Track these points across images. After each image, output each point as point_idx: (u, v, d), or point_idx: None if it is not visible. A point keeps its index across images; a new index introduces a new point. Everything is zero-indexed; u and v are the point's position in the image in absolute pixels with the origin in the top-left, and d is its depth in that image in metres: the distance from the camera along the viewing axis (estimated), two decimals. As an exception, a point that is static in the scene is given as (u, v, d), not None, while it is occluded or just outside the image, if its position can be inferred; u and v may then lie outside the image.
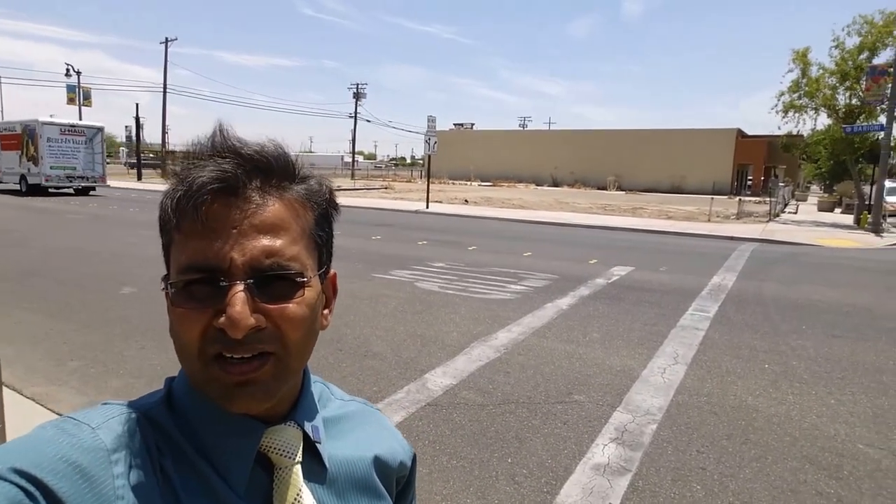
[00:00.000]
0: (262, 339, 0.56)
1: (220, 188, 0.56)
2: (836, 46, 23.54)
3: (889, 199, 23.35)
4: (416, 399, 4.32)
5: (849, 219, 24.41)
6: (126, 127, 54.74)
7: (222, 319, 0.54)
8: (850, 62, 23.04)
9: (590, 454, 3.58)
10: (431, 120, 22.40)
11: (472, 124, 75.40)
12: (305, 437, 0.64)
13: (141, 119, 41.97)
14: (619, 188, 49.03)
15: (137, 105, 40.95)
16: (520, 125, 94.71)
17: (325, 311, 0.67)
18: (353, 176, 58.21)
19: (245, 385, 0.56)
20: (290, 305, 0.57)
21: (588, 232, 17.42)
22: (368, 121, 77.71)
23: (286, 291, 0.58)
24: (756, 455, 3.66)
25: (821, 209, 32.24)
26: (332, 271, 0.68)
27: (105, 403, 0.61)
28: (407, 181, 54.05)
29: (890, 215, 22.31)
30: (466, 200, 27.61)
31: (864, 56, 22.84)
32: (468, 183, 52.01)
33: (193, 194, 0.55)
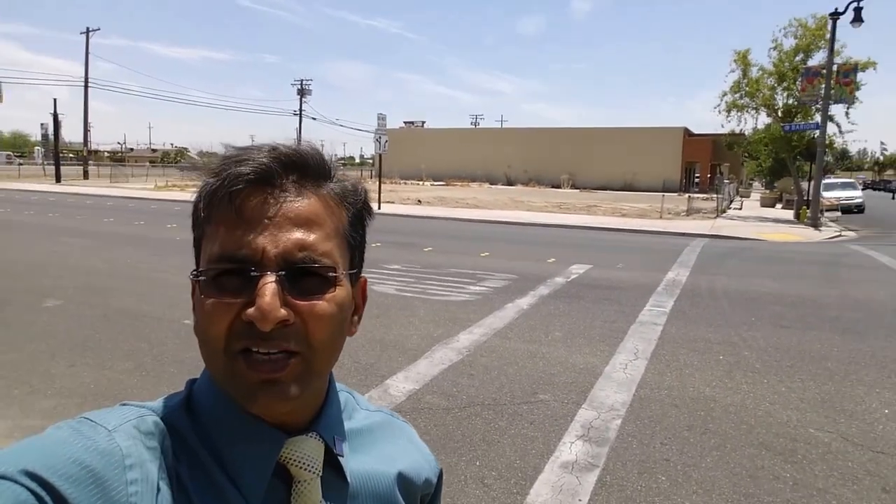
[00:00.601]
0: (287, 337, 0.55)
1: (257, 179, 0.56)
2: (775, 48, 24.76)
3: (826, 194, 24.67)
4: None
5: (789, 214, 25.64)
6: (42, 124, 51.31)
7: (251, 311, 0.53)
8: (786, 63, 24.23)
9: (557, 452, 3.65)
10: (381, 118, 22.17)
11: (423, 122, 75.32)
12: (327, 449, 0.63)
13: (59, 116, 39.40)
14: (573, 186, 50.00)
15: (55, 101, 37.95)
16: (472, 123, 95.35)
17: (354, 318, 0.66)
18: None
19: (269, 384, 0.55)
20: (320, 302, 0.57)
21: (545, 231, 17.63)
22: (314, 118, 74.30)
23: (317, 287, 0.57)
24: (716, 444, 3.82)
25: (763, 205, 33.72)
26: (362, 277, 0.67)
27: (123, 404, 0.59)
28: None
29: (827, 210, 23.57)
30: (420, 201, 27.62)
31: (799, 57, 24.07)
32: (420, 182, 52.01)
33: (229, 184, 0.56)
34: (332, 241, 0.59)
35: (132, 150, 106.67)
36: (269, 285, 0.54)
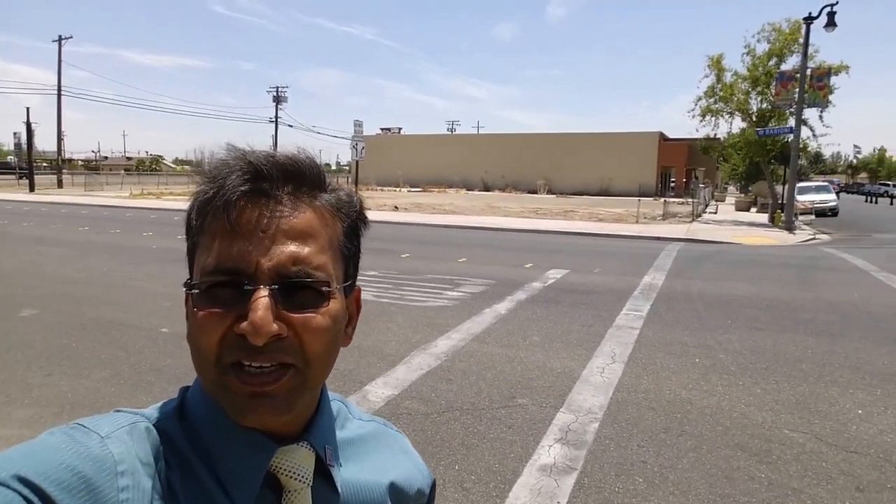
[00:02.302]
0: (282, 350, 0.55)
1: (252, 190, 0.57)
2: (748, 53, 25.32)
3: (800, 198, 25.29)
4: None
5: (764, 217, 26.19)
6: (14, 133, 50.81)
7: (244, 325, 0.54)
8: (760, 68, 24.82)
9: (536, 456, 3.69)
10: (358, 124, 22.26)
11: (400, 129, 75.09)
12: (318, 458, 0.63)
13: (32, 125, 39.24)
14: (550, 191, 50.46)
15: (28, 109, 38.86)
16: (448, 129, 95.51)
17: (348, 329, 0.67)
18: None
19: (260, 397, 0.55)
20: (314, 316, 0.57)
21: (522, 236, 17.76)
22: (290, 126, 71.17)
23: (311, 301, 0.57)
24: (692, 446, 3.90)
25: (738, 209, 34.39)
26: (357, 287, 0.67)
27: (117, 411, 0.60)
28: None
29: (801, 213, 24.17)
30: (396, 207, 27.59)
31: (773, 62, 24.67)
32: (397, 189, 52.00)
33: (224, 195, 0.56)
34: (327, 253, 0.59)
35: (106, 158, 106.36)
36: (263, 300, 0.54)
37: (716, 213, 30.46)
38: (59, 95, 42.19)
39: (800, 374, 5.35)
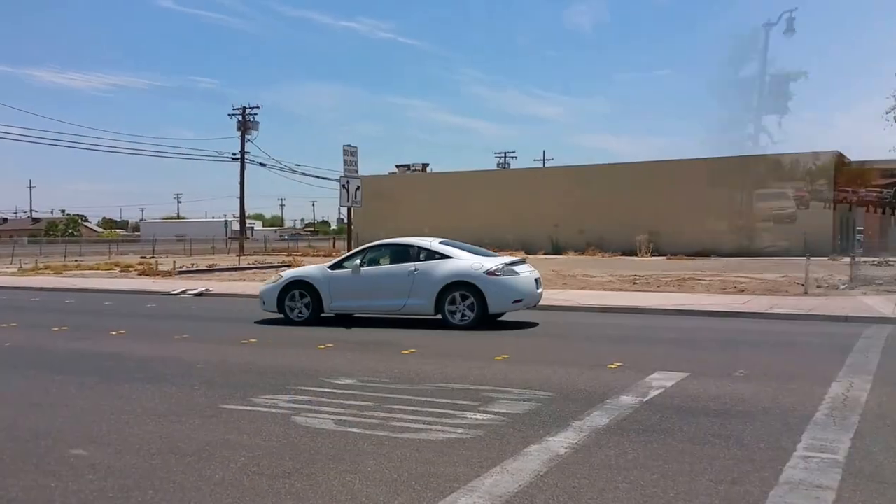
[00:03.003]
0: None
1: None
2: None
3: None
4: None
5: None
6: None
7: None
8: None
9: None
10: (350, 152, 21.39)
11: (426, 165, 76.77)
12: None
13: None
14: (655, 251, 49.71)
15: None
16: (499, 164, 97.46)
17: None
18: (241, 249, 58.35)
19: None
20: None
21: (607, 317, 18.12)
22: (263, 164, 70.42)
23: None
24: None
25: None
26: None
27: None
28: (326, 255, 51.78)
29: None
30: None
31: None
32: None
33: None
34: None
35: (6, 220, 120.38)
36: None
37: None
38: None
39: None
